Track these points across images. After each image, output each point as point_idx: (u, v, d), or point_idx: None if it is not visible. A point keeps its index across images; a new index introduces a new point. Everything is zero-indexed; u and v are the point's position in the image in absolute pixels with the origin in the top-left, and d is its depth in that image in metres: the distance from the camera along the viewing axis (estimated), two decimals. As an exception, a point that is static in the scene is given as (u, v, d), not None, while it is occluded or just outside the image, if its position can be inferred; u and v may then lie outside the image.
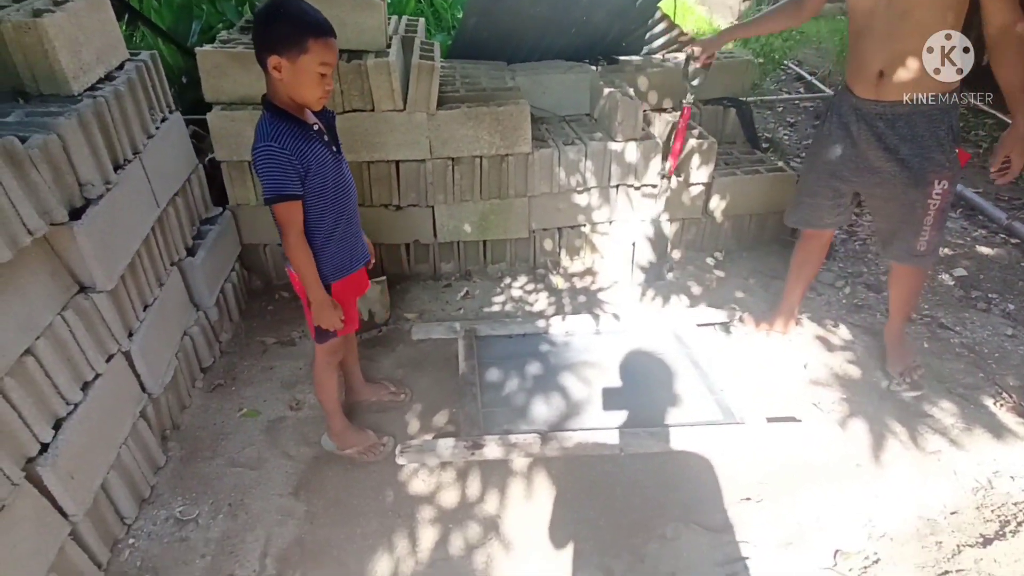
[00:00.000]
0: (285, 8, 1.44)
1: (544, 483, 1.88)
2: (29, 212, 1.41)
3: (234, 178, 2.52)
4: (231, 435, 2.07)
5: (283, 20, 1.42)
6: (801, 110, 5.03)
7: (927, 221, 1.90)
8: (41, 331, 1.47)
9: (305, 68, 1.43)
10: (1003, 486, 1.83)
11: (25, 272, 1.44)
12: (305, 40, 1.40)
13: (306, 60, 1.42)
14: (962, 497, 1.82)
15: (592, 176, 2.75)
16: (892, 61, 1.75)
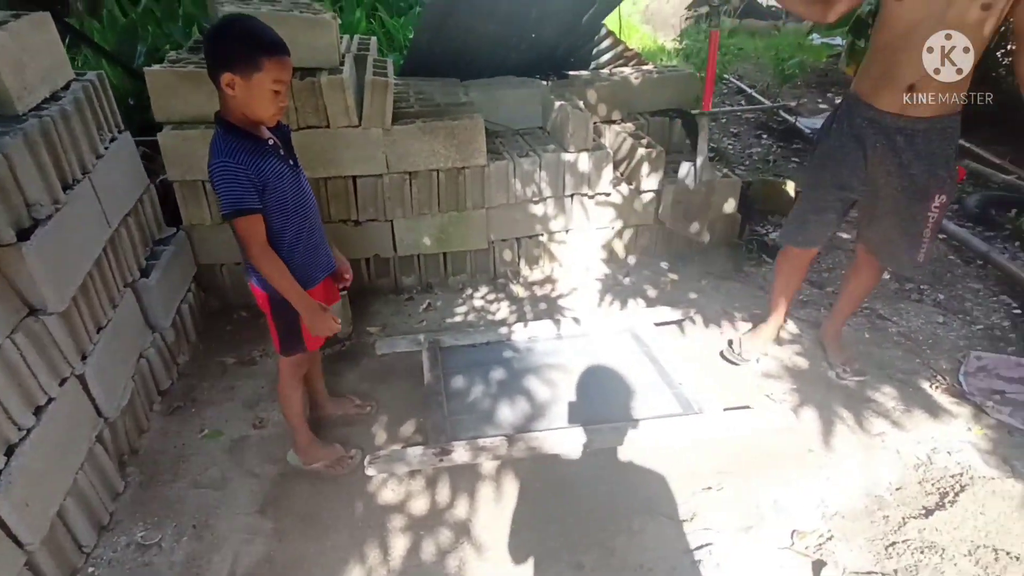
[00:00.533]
0: (238, 26, 1.46)
1: (512, 485, 1.91)
2: (-25, 233, 1.38)
3: (187, 198, 2.49)
4: (192, 457, 2.02)
5: (236, 38, 1.44)
6: (743, 121, 5.28)
7: (926, 234, 1.93)
8: (-10, 355, 1.43)
9: (259, 85, 1.44)
10: (941, 461, 1.96)
11: (-28, 295, 1.41)
12: (258, 58, 1.42)
13: (260, 78, 1.43)
14: (905, 474, 1.94)
15: (547, 186, 2.82)
16: (926, 76, 1.72)
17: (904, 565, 1.61)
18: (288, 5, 2.52)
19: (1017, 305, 2.72)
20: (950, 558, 1.60)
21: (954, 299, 2.79)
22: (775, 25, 8.60)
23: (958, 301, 2.77)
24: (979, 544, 1.65)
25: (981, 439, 2.03)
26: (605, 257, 3.09)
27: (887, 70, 1.79)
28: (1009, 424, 2.07)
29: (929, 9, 1.65)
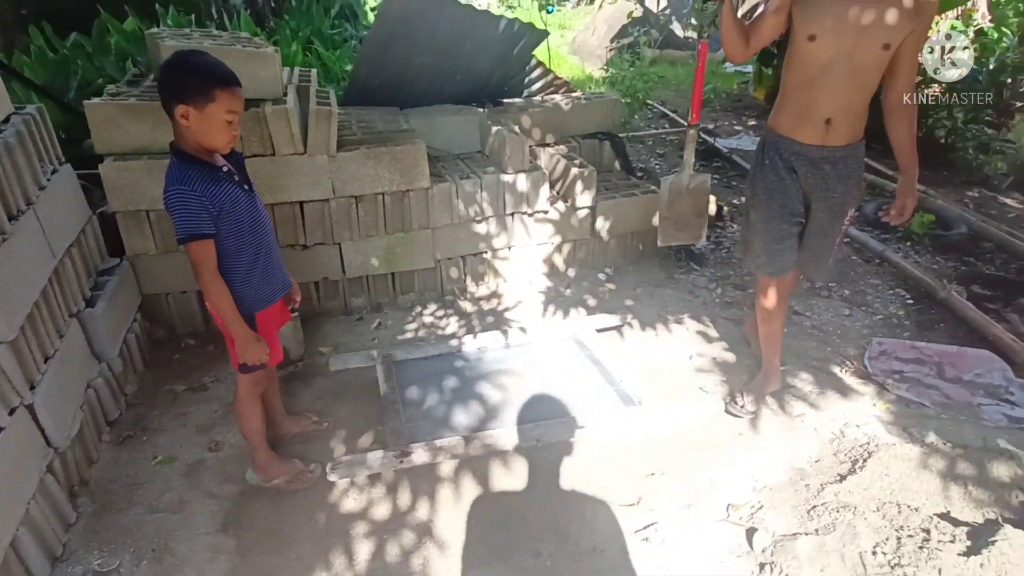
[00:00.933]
0: (192, 60, 1.54)
1: (470, 485, 2.01)
2: (-74, 262, 1.39)
3: (130, 228, 2.50)
4: (147, 484, 2.01)
5: (190, 72, 1.52)
6: (668, 143, 5.65)
7: (838, 242, 2.13)
8: (-60, 385, 1.43)
9: (212, 116, 1.53)
10: (851, 434, 2.20)
11: (-79, 324, 1.41)
12: (212, 90, 1.51)
13: (212, 109, 1.52)
14: (822, 447, 2.16)
15: (488, 206, 2.98)
16: (842, 110, 1.88)
17: (824, 524, 1.81)
18: (229, 40, 2.60)
19: (910, 297, 3.06)
20: (861, 514, 1.80)
21: (857, 294, 3.11)
22: (691, 55, 9.23)
23: (861, 296, 3.09)
24: (885, 501, 1.87)
25: (884, 412, 2.29)
26: (547, 271, 3.27)
27: (805, 107, 1.93)
28: (907, 398, 2.35)
29: (838, 49, 1.80)
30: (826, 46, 1.81)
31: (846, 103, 1.89)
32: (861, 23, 1.77)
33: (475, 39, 3.18)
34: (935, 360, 2.55)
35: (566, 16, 14.81)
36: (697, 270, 3.35)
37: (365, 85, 3.28)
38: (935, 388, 2.41)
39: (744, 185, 4.62)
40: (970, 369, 2.48)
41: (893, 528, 1.75)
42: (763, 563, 1.73)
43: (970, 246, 3.56)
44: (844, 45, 1.79)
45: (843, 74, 1.84)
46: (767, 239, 2.14)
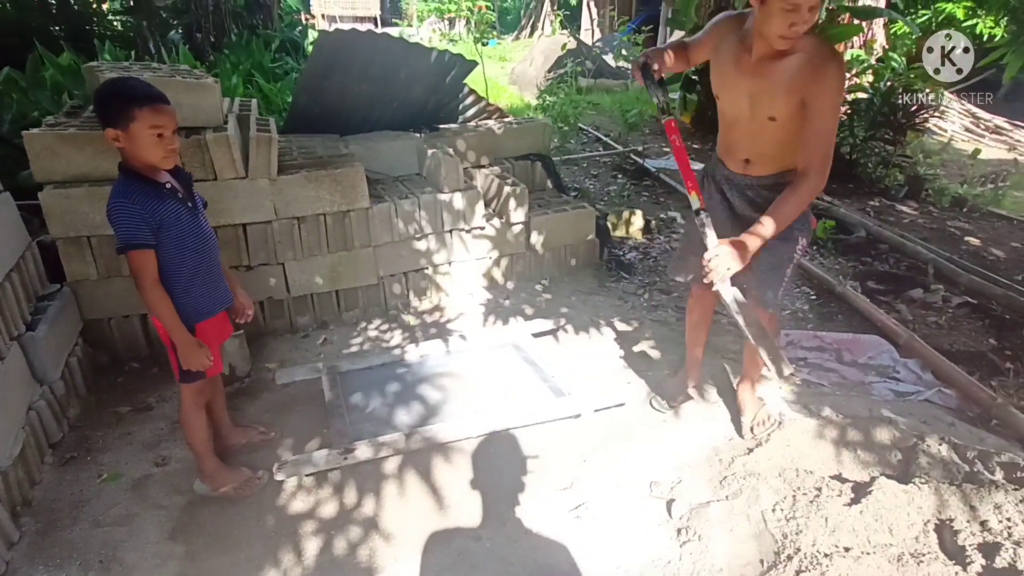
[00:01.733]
0: (113, 86, 1.68)
1: (414, 480, 2.13)
2: None
3: (71, 254, 2.54)
4: (92, 500, 2.04)
5: (110, 97, 1.65)
6: (601, 164, 5.99)
7: (787, 273, 2.02)
8: None
9: (137, 133, 1.63)
10: (762, 413, 2.43)
11: None
12: (131, 110, 1.61)
13: (136, 127, 1.63)
14: (736, 426, 2.38)
15: (427, 224, 3.15)
16: (756, 154, 1.94)
17: (733, 491, 2.02)
18: (169, 72, 2.71)
19: (814, 293, 3.39)
20: (764, 479, 2.02)
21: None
22: (624, 83, 9.78)
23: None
24: (786, 467, 2.09)
25: (789, 393, 2.54)
26: (486, 284, 3.45)
27: (727, 145, 2.03)
28: (808, 380, 2.62)
29: (736, 112, 1.90)
30: (727, 106, 1.93)
31: (760, 149, 1.93)
32: (748, 94, 1.84)
33: (409, 69, 3.38)
34: (834, 347, 2.84)
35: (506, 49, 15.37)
36: (627, 278, 3.59)
37: (305, 113, 3.42)
38: (833, 371, 2.69)
39: (670, 201, 4.97)
40: (863, 353, 2.78)
41: (791, 489, 1.97)
42: (680, 528, 1.91)
43: (868, 248, 3.95)
44: (740, 109, 1.89)
45: (749, 130, 1.91)
46: (686, 247, 2.26)
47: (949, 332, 3.05)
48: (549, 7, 18.38)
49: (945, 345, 2.85)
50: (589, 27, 16.78)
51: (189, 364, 1.80)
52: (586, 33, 16.38)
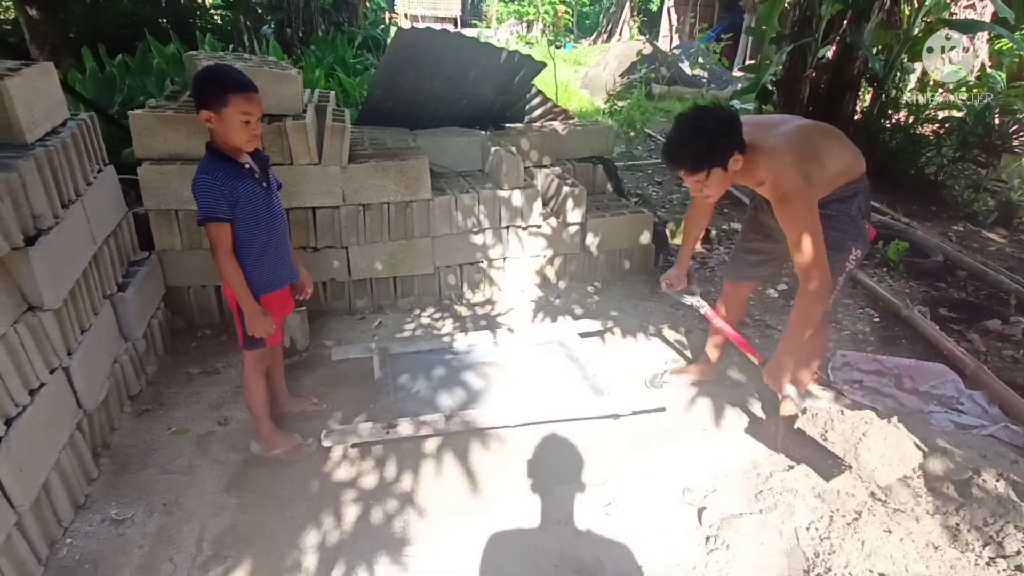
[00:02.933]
0: (211, 73, 1.83)
1: (451, 460, 2.21)
2: (-5, 234, 1.66)
3: (160, 225, 2.78)
4: (161, 450, 2.24)
5: (209, 82, 1.80)
6: (666, 172, 5.91)
7: (838, 283, 2.05)
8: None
9: (228, 118, 1.79)
10: (807, 432, 2.37)
11: (-14, 287, 1.67)
12: (226, 96, 1.77)
13: (228, 112, 1.78)
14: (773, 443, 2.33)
15: (485, 219, 3.24)
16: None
17: (767, 505, 1.98)
18: (258, 63, 2.92)
19: (878, 315, 3.24)
20: (802, 497, 1.97)
21: (830, 312, 3.29)
22: (699, 92, 9.59)
23: (831, 313, 3.27)
24: (826, 488, 2.04)
25: (838, 415, 2.46)
26: (538, 282, 3.50)
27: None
28: (860, 402, 2.52)
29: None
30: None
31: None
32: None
33: (479, 68, 3.48)
34: (894, 372, 2.72)
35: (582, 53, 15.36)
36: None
37: (379, 107, 3.59)
38: (891, 397, 2.58)
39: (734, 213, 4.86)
40: (926, 380, 2.65)
41: (829, 509, 1.92)
42: (709, 536, 1.90)
43: (943, 273, 3.73)
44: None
45: None
46: (737, 247, 2.46)
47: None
48: (629, 12, 18.23)
49: (1019, 380, 2.67)
50: (668, 33, 16.52)
51: (254, 330, 1.95)
52: (664, 39, 16.14)
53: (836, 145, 2.08)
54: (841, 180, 2.05)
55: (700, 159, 1.87)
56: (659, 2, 18.33)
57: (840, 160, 2.05)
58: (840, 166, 2.05)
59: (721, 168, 1.89)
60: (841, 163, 2.05)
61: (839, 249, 2.02)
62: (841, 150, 2.07)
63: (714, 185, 1.93)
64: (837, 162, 2.04)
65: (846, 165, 2.06)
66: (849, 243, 2.04)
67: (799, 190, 1.88)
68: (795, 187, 1.89)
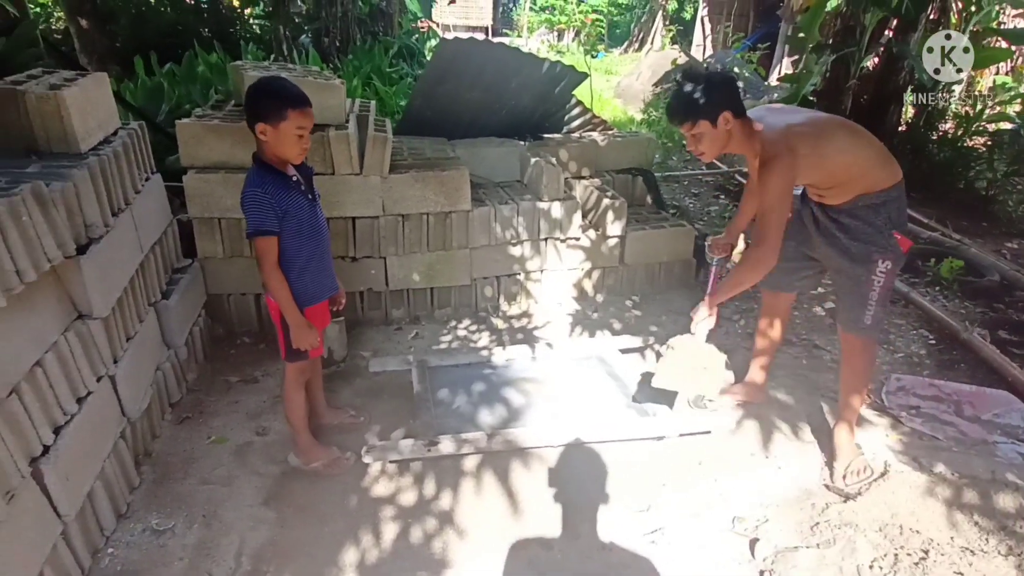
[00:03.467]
0: (269, 85, 1.82)
1: (491, 480, 2.16)
2: (50, 243, 1.66)
3: (203, 233, 2.80)
4: (201, 459, 2.24)
5: (267, 95, 1.79)
6: (703, 183, 5.82)
7: (872, 297, 2.02)
8: (48, 347, 1.69)
9: (284, 132, 1.79)
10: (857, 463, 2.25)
11: (39, 295, 1.68)
12: (284, 110, 1.77)
13: (285, 126, 1.78)
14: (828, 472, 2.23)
15: (524, 230, 3.20)
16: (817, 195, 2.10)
17: (824, 539, 1.89)
18: (303, 72, 2.93)
19: (933, 337, 3.10)
20: (863, 532, 1.87)
21: (880, 332, 3.16)
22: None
23: (883, 334, 3.14)
24: (887, 522, 1.93)
25: (896, 443, 2.34)
26: (576, 295, 3.44)
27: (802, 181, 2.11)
28: (920, 431, 2.40)
29: None
30: None
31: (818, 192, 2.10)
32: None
33: (520, 78, 3.45)
34: (953, 398, 2.59)
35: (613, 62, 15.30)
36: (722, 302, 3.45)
37: (418, 116, 3.58)
38: (951, 424, 2.45)
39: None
40: (988, 409, 2.51)
41: (893, 546, 1.81)
42: (763, 570, 1.81)
43: (1001, 293, 3.56)
44: None
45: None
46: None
47: (1097, 397, 2.69)
48: (661, 22, 18.11)
49: (1091, 411, 2.52)
50: (701, 43, 16.34)
51: (299, 343, 1.93)
52: (697, 49, 15.96)
53: (850, 139, 2.01)
54: (866, 182, 1.98)
55: (689, 110, 1.94)
56: (692, 11, 18.18)
57: (851, 155, 1.98)
58: (850, 161, 1.98)
59: (709, 122, 1.93)
60: (852, 158, 1.98)
61: (864, 261, 2.02)
62: (857, 146, 2.00)
63: (706, 142, 1.98)
64: (846, 156, 1.98)
65: (867, 165, 1.99)
66: (875, 255, 2.01)
67: (779, 157, 1.91)
68: (777, 154, 1.91)
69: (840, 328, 2.19)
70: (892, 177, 2.01)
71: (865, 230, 2.01)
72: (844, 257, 2.07)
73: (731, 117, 1.94)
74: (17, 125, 1.93)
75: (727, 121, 1.94)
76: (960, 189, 5.25)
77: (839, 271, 2.14)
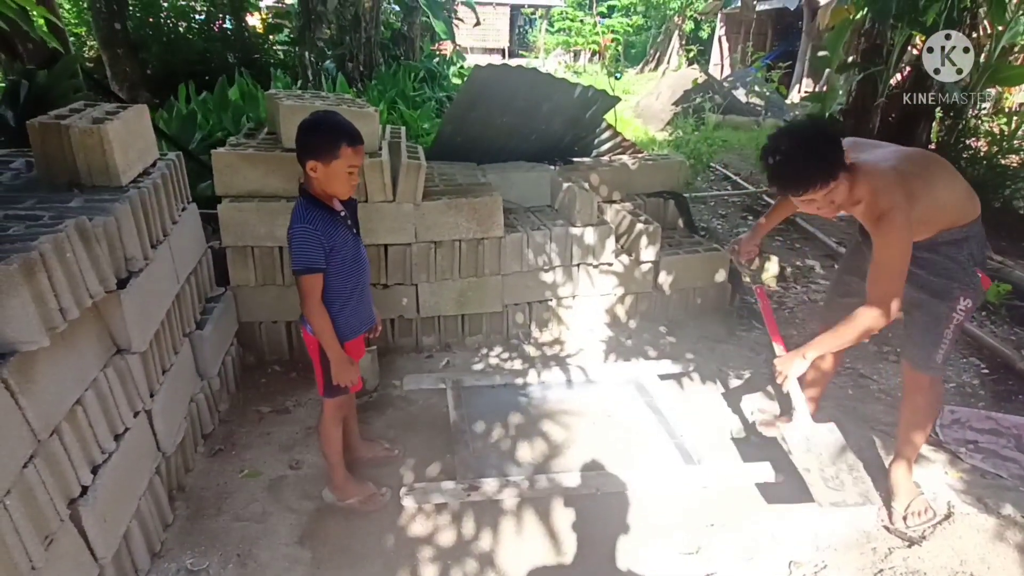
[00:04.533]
0: (324, 122, 1.77)
1: (532, 520, 2.08)
2: (92, 279, 1.64)
3: (237, 261, 2.79)
4: (234, 494, 2.19)
5: (321, 132, 1.75)
6: (730, 204, 5.74)
7: (947, 335, 1.93)
8: (88, 384, 1.66)
9: (336, 170, 1.75)
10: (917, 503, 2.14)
11: (81, 331, 1.65)
12: (338, 148, 1.73)
13: (337, 164, 1.74)
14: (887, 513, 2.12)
15: (556, 256, 3.15)
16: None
17: (891, 588, 1.78)
18: (336, 101, 2.93)
19: (985, 366, 2.98)
20: (932, 581, 1.77)
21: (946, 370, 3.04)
22: (755, 120, 9.37)
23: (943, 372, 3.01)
24: (957, 570, 1.82)
25: (957, 481, 2.23)
26: (608, 321, 3.37)
27: None
28: (982, 468, 2.28)
29: None
30: None
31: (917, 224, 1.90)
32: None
33: (552, 103, 3.43)
34: (1013, 432, 2.47)
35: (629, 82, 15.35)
36: (759, 328, 3.36)
37: (449, 142, 3.57)
38: (1013, 460, 2.33)
39: (807, 248, 4.64)
40: (1052, 444, 2.39)
41: (966, 598, 1.70)
42: (826, 621, 1.71)
43: (1052, 319, 3.43)
44: None
45: None
46: (831, 289, 2.38)
47: None
48: (678, 41, 18.18)
49: None
50: (719, 62, 16.37)
51: (341, 379, 1.88)
52: (715, 68, 15.98)
53: (945, 175, 1.90)
54: (950, 217, 1.89)
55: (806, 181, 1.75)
56: (708, 30, 18.23)
57: (950, 192, 1.88)
58: (950, 199, 1.88)
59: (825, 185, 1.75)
60: (951, 196, 1.88)
61: (945, 298, 1.92)
62: (951, 182, 1.90)
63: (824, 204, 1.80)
64: (946, 193, 1.87)
65: (958, 200, 1.89)
66: (957, 292, 1.91)
67: (900, 209, 1.75)
68: (895, 206, 1.76)
69: (907, 364, 2.07)
70: (974, 211, 1.91)
71: (948, 265, 1.91)
72: (923, 292, 1.96)
73: (843, 174, 1.77)
74: (61, 159, 1.93)
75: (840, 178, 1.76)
76: (997, 209, 5.11)
77: (915, 306, 2.00)
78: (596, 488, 2.15)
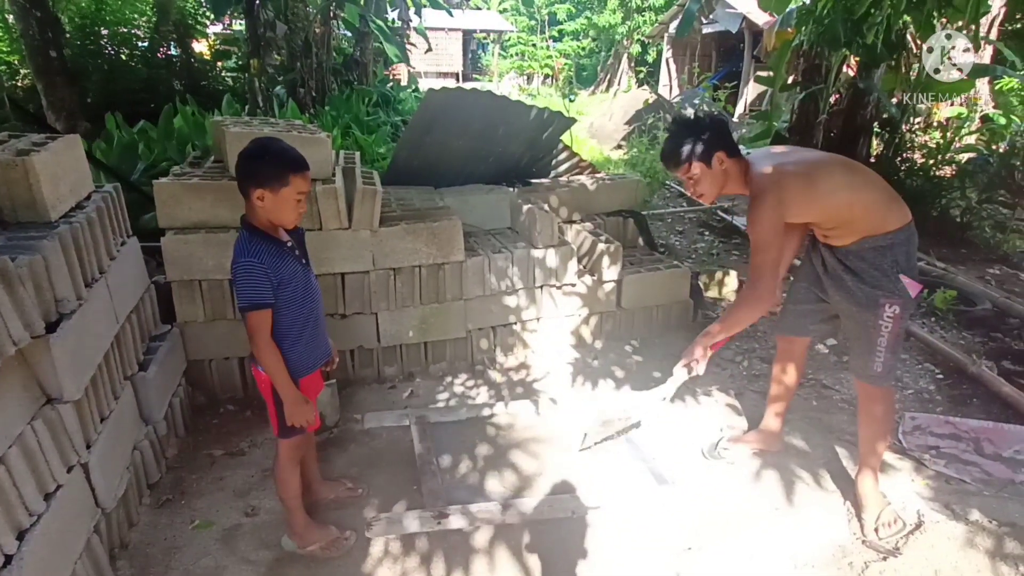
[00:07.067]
0: (269, 149, 1.68)
1: (504, 554, 1.99)
2: (15, 324, 1.50)
3: (183, 296, 2.64)
4: (184, 548, 2.03)
5: (268, 159, 1.66)
6: (686, 220, 5.84)
7: (880, 343, 1.96)
8: (12, 440, 1.51)
9: (285, 198, 1.67)
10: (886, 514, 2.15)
11: (3, 383, 1.51)
12: (286, 175, 1.65)
13: (286, 192, 1.66)
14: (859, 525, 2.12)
15: (519, 279, 3.10)
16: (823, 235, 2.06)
17: (870, 603, 1.76)
18: (286, 127, 2.84)
19: (939, 371, 3.06)
20: (909, 594, 1.76)
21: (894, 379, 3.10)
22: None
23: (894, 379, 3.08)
24: (933, 581, 1.82)
25: (924, 488, 2.25)
26: (574, 342, 3.33)
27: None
28: (946, 474, 2.31)
29: None
30: None
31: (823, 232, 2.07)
32: None
33: (508, 125, 3.42)
34: (972, 436, 2.52)
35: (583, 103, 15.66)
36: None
37: (405, 166, 3.51)
38: (974, 464, 2.37)
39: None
40: (1008, 445, 2.45)
41: (943, 609, 1.70)
42: (810, 644, 1.67)
43: (996, 322, 3.57)
44: None
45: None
46: (787, 298, 2.36)
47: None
48: (627, 64, 18.69)
49: (1109, 443, 2.47)
50: (668, 83, 16.87)
51: (295, 420, 1.77)
52: (664, 88, 16.47)
53: (846, 177, 1.96)
54: (872, 222, 1.93)
55: (683, 153, 1.97)
56: (655, 53, 18.81)
57: (848, 194, 1.93)
58: (849, 199, 1.93)
59: (704, 164, 1.96)
60: (850, 197, 1.93)
61: (869, 307, 1.97)
62: (854, 185, 1.95)
63: (704, 184, 2.00)
64: (842, 195, 1.93)
65: (874, 205, 1.94)
66: (882, 299, 1.94)
67: (768, 193, 1.91)
68: (765, 190, 1.92)
69: (853, 376, 2.13)
70: (899, 219, 1.95)
71: (871, 273, 1.95)
72: (851, 301, 2.02)
73: (725, 157, 1.96)
74: (-20, 194, 1.79)
75: (721, 161, 1.96)
76: (935, 217, 5.35)
77: (848, 316, 2.08)
78: (571, 511, 2.08)
